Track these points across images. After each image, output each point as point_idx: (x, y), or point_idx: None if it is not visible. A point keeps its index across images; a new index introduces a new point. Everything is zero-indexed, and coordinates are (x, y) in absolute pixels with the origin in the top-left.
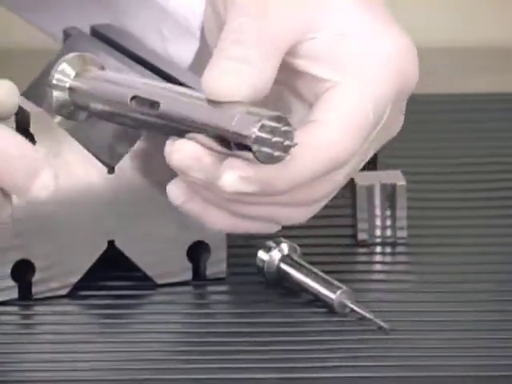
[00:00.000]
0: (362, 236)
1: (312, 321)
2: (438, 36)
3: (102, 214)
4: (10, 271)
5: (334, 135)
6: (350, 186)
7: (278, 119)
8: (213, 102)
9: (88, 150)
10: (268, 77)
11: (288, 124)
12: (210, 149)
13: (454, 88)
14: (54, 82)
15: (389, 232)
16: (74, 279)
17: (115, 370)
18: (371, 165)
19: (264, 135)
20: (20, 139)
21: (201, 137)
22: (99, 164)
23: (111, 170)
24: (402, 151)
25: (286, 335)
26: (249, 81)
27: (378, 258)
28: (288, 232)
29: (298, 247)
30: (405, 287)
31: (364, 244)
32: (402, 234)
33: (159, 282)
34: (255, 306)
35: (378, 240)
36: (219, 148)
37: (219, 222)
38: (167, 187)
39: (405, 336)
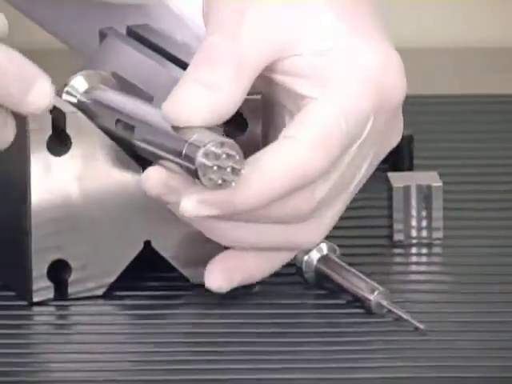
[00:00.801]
0: (397, 237)
1: (349, 321)
2: (469, 36)
3: (138, 214)
4: (46, 271)
5: (302, 151)
6: (387, 187)
7: (222, 145)
8: (174, 127)
9: (124, 150)
10: (232, 100)
11: (234, 150)
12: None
13: (494, 89)
14: (64, 93)
15: (425, 233)
16: (110, 279)
17: (150, 370)
18: (408, 166)
19: (207, 162)
20: (12, 51)
21: (170, 163)
22: (135, 164)
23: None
24: (439, 152)
25: (323, 336)
26: (209, 106)
27: (413, 258)
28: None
29: (337, 247)
30: (441, 288)
31: (400, 245)
32: (438, 234)
33: (195, 282)
34: (293, 307)
35: (414, 241)
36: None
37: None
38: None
39: (441, 337)
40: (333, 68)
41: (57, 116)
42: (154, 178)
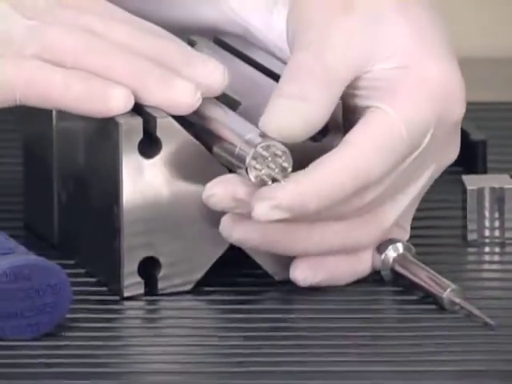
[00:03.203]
0: (471, 236)
1: (423, 317)
2: None
3: (225, 214)
4: (136, 268)
5: (364, 157)
6: (461, 189)
7: (269, 147)
8: (229, 128)
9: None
10: (324, 110)
11: (281, 150)
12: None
13: None
14: None
15: (497, 233)
16: (198, 276)
17: (237, 363)
18: (481, 169)
19: (256, 164)
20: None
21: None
22: (221, 167)
23: (233, 173)
24: (511, 156)
25: (398, 330)
26: (304, 119)
27: (486, 257)
28: None
29: (412, 247)
30: None
31: (473, 244)
32: (510, 234)
33: (279, 279)
34: (370, 303)
35: (487, 240)
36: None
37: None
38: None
39: (511, 332)
40: (399, 81)
41: (148, 120)
42: (219, 194)
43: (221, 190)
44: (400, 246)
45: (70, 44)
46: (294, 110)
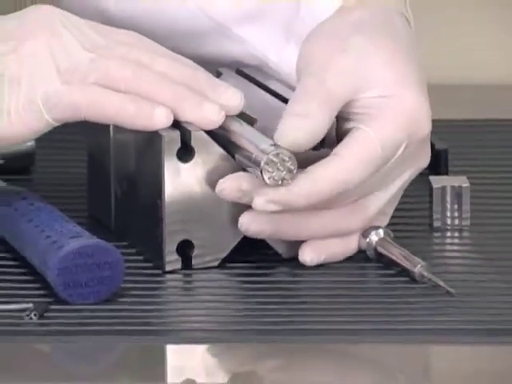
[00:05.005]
0: (436, 224)
1: (399, 287)
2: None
3: (245, 207)
4: (175, 248)
5: (345, 167)
6: (428, 187)
7: (278, 154)
8: (248, 140)
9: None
10: (323, 127)
11: (287, 155)
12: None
13: (507, 114)
14: None
15: (456, 221)
16: (223, 254)
17: (254, 322)
18: (444, 171)
19: (268, 167)
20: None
21: (244, 165)
22: (243, 170)
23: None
24: (468, 161)
25: (380, 297)
26: (307, 133)
27: (448, 240)
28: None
29: (391, 232)
30: (469, 262)
31: (438, 230)
32: (466, 222)
33: (286, 256)
34: (358, 276)
35: (448, 227)
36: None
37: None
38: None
39: (467, 298)
40: (380, 108)
41: (184, 133)
42: (227, 188)
43: (229, 185)
44: (381, 231)
45: (123, 73)
46: (300, 126)
